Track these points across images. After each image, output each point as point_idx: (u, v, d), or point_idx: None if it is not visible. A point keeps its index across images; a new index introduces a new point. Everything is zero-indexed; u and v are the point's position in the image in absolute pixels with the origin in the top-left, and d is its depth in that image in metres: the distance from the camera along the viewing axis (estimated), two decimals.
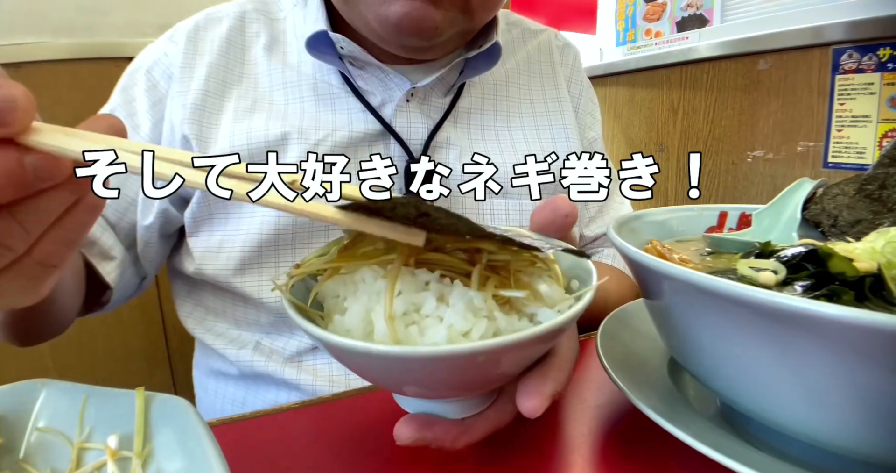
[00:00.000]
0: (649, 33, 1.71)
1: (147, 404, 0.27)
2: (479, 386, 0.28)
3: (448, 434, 0.29)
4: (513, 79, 0.65)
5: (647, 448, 0.32)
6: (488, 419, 0.30)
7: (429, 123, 0.56)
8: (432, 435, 0.29)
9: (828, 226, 0.38)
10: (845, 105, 1.16)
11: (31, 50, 1.06)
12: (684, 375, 0.36)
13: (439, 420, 0.29)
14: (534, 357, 0.28)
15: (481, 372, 0.26)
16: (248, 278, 0.52)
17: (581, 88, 0.70)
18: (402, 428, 0.28)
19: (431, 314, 0.26)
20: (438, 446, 0.29)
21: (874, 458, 0.25)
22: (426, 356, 0.23)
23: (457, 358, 0.23)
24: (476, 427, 0.30)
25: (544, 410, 0.27)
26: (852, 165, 1.16)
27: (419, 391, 0.28)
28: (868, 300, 0.26)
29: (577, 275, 0.32)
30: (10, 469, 0.26)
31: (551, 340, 0.28)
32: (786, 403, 0.26)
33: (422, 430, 0.29)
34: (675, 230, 0.42)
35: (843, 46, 1.14)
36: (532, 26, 0.72)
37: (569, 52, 0.72)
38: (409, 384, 0.27)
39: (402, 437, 0.28)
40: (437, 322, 0.26)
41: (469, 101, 0.60)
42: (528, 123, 0.63)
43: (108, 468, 0.25)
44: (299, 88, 0.56)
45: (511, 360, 0.26)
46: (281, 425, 0.36)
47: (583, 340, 0.48)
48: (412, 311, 0.26)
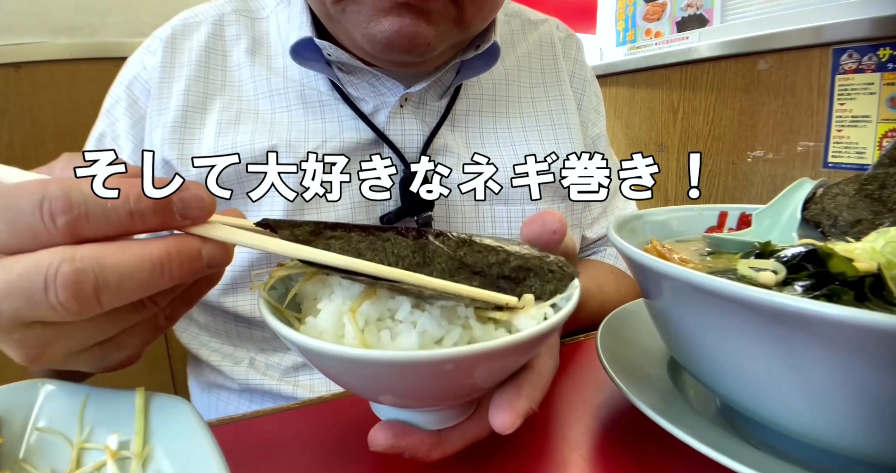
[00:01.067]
0: (649, 33, 1.71)
1: (147, 404, 0.27)
2: (451, 397, 0.27)
3: (422, 444, 0.28)
4: (513, 77, 0.62)
5: (647, 448, 0.32)
6: (465, 431, 0.30)
7: (424, 128, 0.54)
8: (406, 444, 0.28)
9: (828, 226, 0.38)
10: (845, 105, 1.16)
11: (31, 50, 1.06)
12: (684, 375, 0.36)
13: (414, 430, 0.29)
14: (510, 369, 0.27)
15: (450, 382, 0.25)
16: (241, 298, 0.51)
17: (584, 83, 0.68)
18: (377, 434, 0.28)
19: (405, 319, 0.25)
20: (412, 455, 0.28)
21: (874, 458, 0.25)
22: (390, 361, 0.22)
23: (423, 365, 0.22)
24: (451, 440, 0.29)
25: (517, 427, 0.26)
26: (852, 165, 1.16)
27: (390, 400, 0.28)
28: (868, 300, 0.26)
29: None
30: (10, 469, 0.26)
31: (527, 351, 0.27)
32: (785, 403, 0.26)
33: (396, 438, 0.28)
34: (675, 230, 0.42)
35: (843, 46, 1.14)
36: (532, 16, 0.68)
37: (571, 44, 0.69)
38: (378, 390, 0.26)
39: (376, 443, 0.28)
40: (411, 328, 0.25)
41: (467, 103, 0.58)
42: (529, 124, 0.61)
43: (108, 468, 0.25)
44: (286, 96, 0.53)
45: (483, 370, 0.25)
46: (281, 425, 0.36)
47: (583, 340, 0.48)
48: (387, 316, 0.26)
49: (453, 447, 0.29)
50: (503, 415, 0.26)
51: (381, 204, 0.52)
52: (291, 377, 0.53)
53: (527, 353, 0.27)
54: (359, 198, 0.51)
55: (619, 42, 1.82)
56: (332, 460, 0.32)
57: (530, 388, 0.28)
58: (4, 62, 1.03)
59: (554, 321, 0.25)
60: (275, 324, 0.25)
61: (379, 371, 0.23)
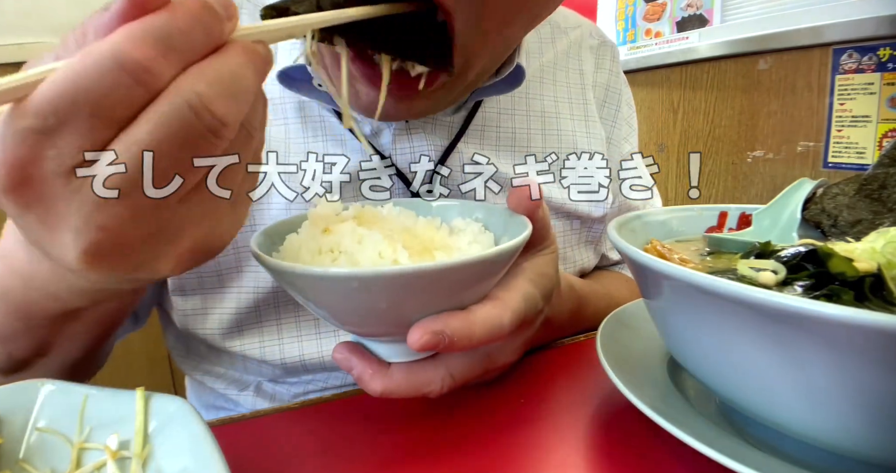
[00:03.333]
0: (649, 33, 1.71)
1: (147, 404, 0.27)
2: (403, 316, 0.29)
3: (368, 367, 0.32)
4: (534, 91, 0.55)
5: (647, 448, 0.32)
6: (410, 371, 0.32)
7: (436, 145, 0.47)
8: (355, 363, 0.32)
9: (828, 226, 0.38)
10: (845, 105, 1.16)
11: (31, 50, 1.06)
12: (684, 375, 0.36)
13: (369, 355, 0.32)
14: (451, 293, 0.29)
15: (399, 299, 0.28)
16: (248, 340, 0.46)
17: (619, 96, 0.62)
18: (337, 348, 0.33)
19: (346, 249, 0.30)
20: (358, 378, 0.32)
21: (874, 458, 0.25)
22: (369, 274, 0.26)
23: (398, 277, 0.26)
24: (395, 375, 0.32)
25: (426, 346, 0.28)
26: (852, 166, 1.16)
27: (354, 322, 0.31)
28: (868, 299, 0.26)
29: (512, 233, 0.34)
30: (10, 469, 0.26)
31: (467, 274, 0.29)
32: (785, 403, 0.26)
33: (350, 354, 0.32)
34: (675, 230, 0.42)
35: (843, 46, 1.15)
36: (563, 22, 0.61)
37: (605, 53, 0.62)
38: (347, 310, 0.30)
39: (334, 356, 0.33)
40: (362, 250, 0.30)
41: (482, 117, 0.51)
42: (550, 144, 0.55)
43: (108, 468, 0.25)
44: (283, 107, 0.47)
45: (408, 289, 0.28)
46: (281, 425, 0.36)
47: (583, 340, 0.48)
48: (336, 249, 0.30)
49: (395, 382, 0.31)
50: (416, 332, 0.28)
51: None
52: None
53: (466, 277, 0.29)
54: (359, 199, 0.50)
55: (618, 42, 1.82)
56: (332, 460, 0.32)
57: (452, 318, 0.29)
58: (4, 62, 1.04)
59: (499, 249, 0.28)
60: (265, 258, 0.28)
61: (339, 286, 0.27)
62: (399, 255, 0.29)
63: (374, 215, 0.35)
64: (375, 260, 0.29)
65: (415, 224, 0.35)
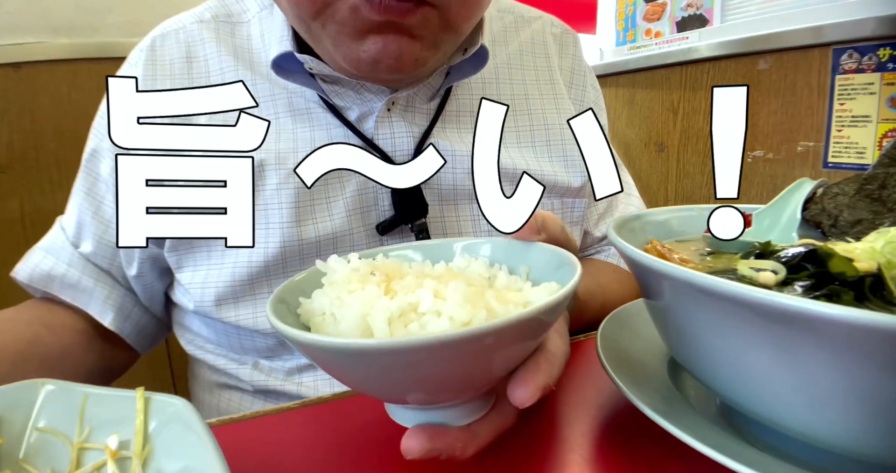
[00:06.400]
0: (649, 33, 1.71)
1: (147, 404, 0.27)
2: (481, 379, 0.28)
3: (457, 441, 0.28)
4: (504, 76, 0.60)
5: (647, 448, 0.32)
6: (493, 422, 0.30)
7: (414, 130, 0.53)
8: (442, 445, 0.27)
9: (828, 226, 0.38)
10: (845, 105, 1.16)
11: (31, 50, 1.06)
12: (684, 375, 0.36)
13: (446, 428, 0.28)
14: (528, 347, 0.28)
15: (484, 360, 0.25)
16: (243, 311, 0.51)
17: (584, 78, 0.66)
18: (410, 442, 0.27)
19: (429, 309, 0.26)
20: (449, 455, 0.28)
21: (874, 458, 0.25)
22: (431, 343, 0.22)
23: (462, 342, 0.23)
24: (483, 432, 0.29)
25: (535, 400, 0.27)
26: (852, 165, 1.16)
27: (421, 395, 0.27)
28: (868, 299, 0.26)
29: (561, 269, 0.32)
30: (10, 469, 0.26)
31: (548, 319, 0.28)
32: (786, 403, 0.26)
33: (431, 440, 0.27)
34: (675, 230, 0.42)
35: (843, 46, 1.14)
36: (526, 13, 0.66)
37: (568, 40, 0.67)
38: (412, 383, 0.26)
39: (412, 451, 0.27)
40: (437, 317, 0.25)
41: (457, 103, 0.56)
42: (522, 123, 0.59)
43: (108, 468, 0.25)
44: (273, 103, 0.52)
45: (510, 342, 0.25)
46: (281, 425, 0.36)
47: (583, 340, 0.48)
48: (409, 311, 0.26)
49: (485, 438, 0.29)
50: (522, 389, 0.27)
51: (375, 210, 0.52)
52: (295, 378, 0.53)
53: (549, 321, 0.28)
54: (354, 205, 0.51)
55: (619, 42, 1.82)
56: (332, 460, 0.32)
57: (546, 364, 0.28)
58: (4, 62, 1.03)
59: (566, 289, 0.26)
60: (297, 334, 0.24)
61: (418, 357, 0.23)
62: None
63: (399, 269, 0.32)
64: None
65: (466, 269, 0.33)
